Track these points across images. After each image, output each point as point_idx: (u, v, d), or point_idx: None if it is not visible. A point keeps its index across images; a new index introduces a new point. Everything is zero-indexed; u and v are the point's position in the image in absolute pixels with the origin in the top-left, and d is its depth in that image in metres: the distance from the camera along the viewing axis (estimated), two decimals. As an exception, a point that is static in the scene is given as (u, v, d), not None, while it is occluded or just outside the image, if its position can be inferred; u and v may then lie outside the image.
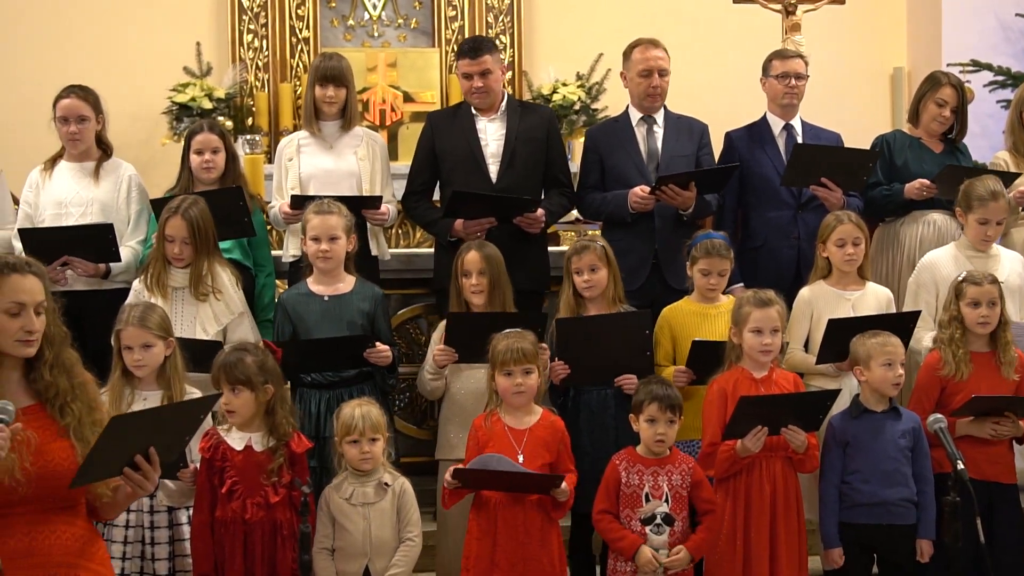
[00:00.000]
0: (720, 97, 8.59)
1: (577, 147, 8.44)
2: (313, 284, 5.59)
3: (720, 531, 5.03)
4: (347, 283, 5.60)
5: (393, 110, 9.30)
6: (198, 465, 4.79)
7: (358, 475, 4.91)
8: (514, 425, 5.02)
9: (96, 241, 5.87)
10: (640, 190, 6.12)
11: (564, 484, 4.86)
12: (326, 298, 5.55)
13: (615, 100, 8.59)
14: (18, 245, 5.95)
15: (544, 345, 5.34)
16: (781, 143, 6.55)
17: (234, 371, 4.77)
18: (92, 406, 3.56)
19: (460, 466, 4.91)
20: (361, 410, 4.90)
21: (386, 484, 4.91)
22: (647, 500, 4.95)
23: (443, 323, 5.62)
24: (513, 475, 4.83)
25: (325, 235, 5.49)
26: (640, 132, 6.40)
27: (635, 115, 6.44)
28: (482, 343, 5.17)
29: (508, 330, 5.09)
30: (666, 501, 4.94)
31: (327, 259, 5.50)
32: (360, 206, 5.83)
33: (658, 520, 4.93)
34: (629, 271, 5.88)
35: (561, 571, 4.97)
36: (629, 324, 5.48)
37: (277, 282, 6.35)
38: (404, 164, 7.25)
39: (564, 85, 9.45)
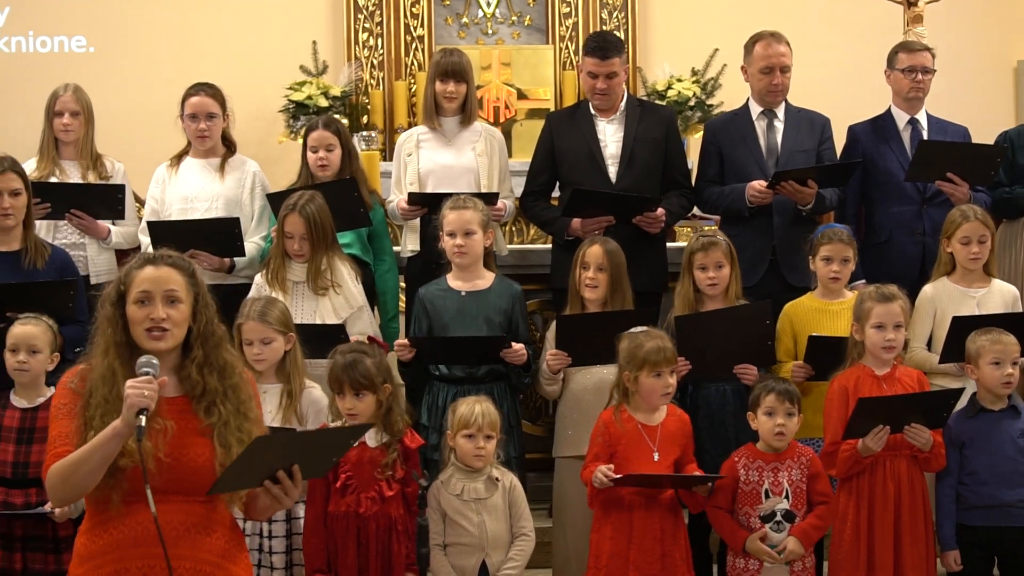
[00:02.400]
0: (841, 90, 8.51)
1: (692, 143, 8.39)
2: (452, 280, 5.59)
3: (831, 523, 4.98)
4: (486, 279, 5.60)
5: (507, 107, 9.32)
6: None
7: (466, 471, 4.92)
8: (646, 421, 4.96)
9: (221, 235, 5.95)
10: (758, 184, 6.06)
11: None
12: (463, 294, 5.55)
13: (731, 95, 8.53)
14: (145, 239, 6.06)
15: None
16: (906, 137, 6.42)
17: (356, 374, 4.77)
18: (242, 411, 3.48)
19: (605, 467, 4.82)
20: (481, 407, 4.90)
21: (496, 479, 4.92)
22: (766, 496, 4.91)
23: (555, 322, 5.60)
24: (670, 475, 4.82)
25: (460, 230, 5.48)
26: (760, 126, 6.33)
27: (755, 109, 6.36)
28: (594, 344, 5.15)
29: (645, 329, 5.01)
30: (786, 497, 4.90)
31: (463, 254, 5.49)
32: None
33: (778, 517, 4.89)
34: (746, 267, 5.80)
35: (689, 564, 4.95)
36: (749, 316, 5.43)
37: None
38: (518, 161, 7.27)
39: (679, 81, 9.39)
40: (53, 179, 6.27)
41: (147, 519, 3.29)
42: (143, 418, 3.23)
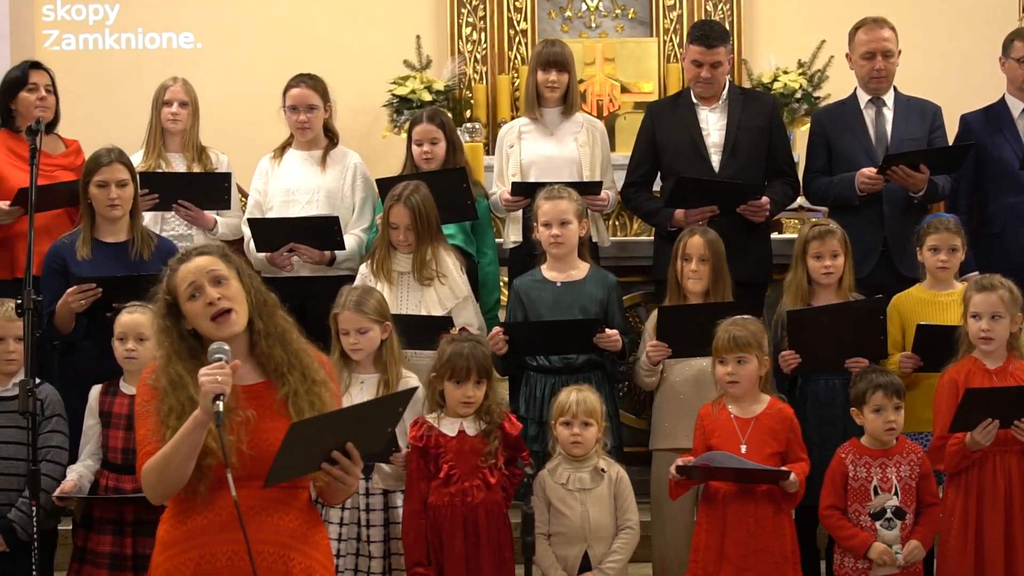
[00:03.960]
0: (953, 79, 8.35)
1: (798, 136, 8.29)
2: (547, 270, 5.57)
3: (939, 524, 4.89)
4: (580, 270, 5.56)
5: (611, 101, 9.27)
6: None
7: (572, 460, 4.89)
8: (740, 414, 4.92)
9: (322, 232, 5.99)
10: (868, 170, 5.95)
11: (792, 476, 4.74)
12: (559, 284, 5.52)
13: (837, 87, 8.41)
14: (247, 231, 6.13)
15: None
16: (1020, 126, 6.26)
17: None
18: (308, 375, 3.49)
19: (684, 460, 4.83)
20: (579, 395, 4.88)
21: (602, 470, 4.89)
22: (875, 493, 4.82)
23: (655, 313, 5.55)
24: (738, 469, 4.73)
25: (556, 220, 5.45)
26: (869, 115, 6.22)
27: (863, 97, 6.26)
28: (695, 335, 5.11)
29: (734, 317, 4.98)
30: (895, 494, 4.81)
31: (559, 244, 5.46)
32: (580, 191, 5.80)
33: (888, 514, 4.80)
34: (858, 258, 5.67)
35: (794, 562, 4.86)
36: (864, 312, 5.33)
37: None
38: (622, 155, 7.22)
39: (785, 73, 9.29)
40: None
41: (230, 506, 3.30)
42: (220, 403, 3.25)
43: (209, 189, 6.21)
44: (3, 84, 6.40)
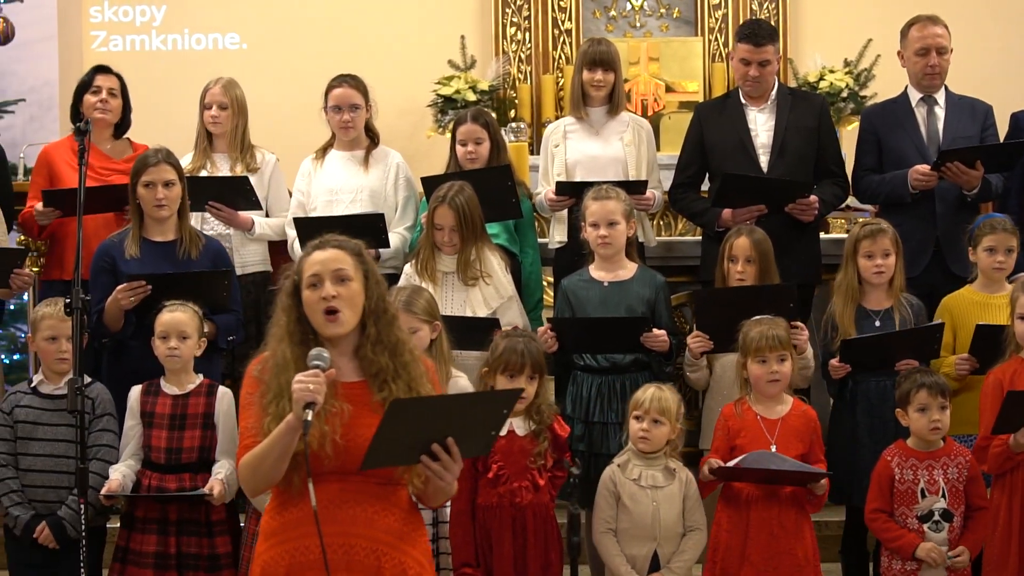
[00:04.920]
0: (1003, 78, 8.29)
1: (845, 135, 8.23)
2: (594, 270, 5.55)
3: (990, 526, 4.83)
4: (628, 269, 5.54)
5: (656, 101, 9.23)
6: None
7: (643, 457, 4.87)
8: (766, 414, 4.91)
9: (367, 230, 5.97)
10: (922, 167, 5.91)
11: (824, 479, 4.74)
12: (606, 284, 5.50)
13: (884, 87, 8.34)
14: (292, 232, 6.14)
15: (800, 325, 5.24)
16: (1072, 124, 6.22)
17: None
18: (413, 387, 3.49)
19: (715, 459, 4.83)
20: (657, 392, 4.87)
21: (673, 470, 4.88)
22: (922, 496, 4.78)
23: (694, 299, 5.54)
24: (775, 471, 4.71)
25: (604, 220, 5.43)
26: (920, 113, 6.18)
27: (914, 95, 6.22)
28: (735, 325, 5.08)
29: (759, 316, 4.97)
30: (943, 496, 4.77)
31: (607, 244, 5.45)
32: (626, 191, 5.78)
33: (936, 517, 4.77)
34: (909, 258, 5.62)
35: (815, 565, 4.84)
36: (922, 337, 5.28)
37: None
38: (666, 155, 7.21)
39: (831, 72, 9.22)
40: (204, 172, 6.37)
41: (325, 498, 3.34)
42: (310, 413, 3.27)
43: (237, 191, 6.21)
44: (76, 88, 6.53)
